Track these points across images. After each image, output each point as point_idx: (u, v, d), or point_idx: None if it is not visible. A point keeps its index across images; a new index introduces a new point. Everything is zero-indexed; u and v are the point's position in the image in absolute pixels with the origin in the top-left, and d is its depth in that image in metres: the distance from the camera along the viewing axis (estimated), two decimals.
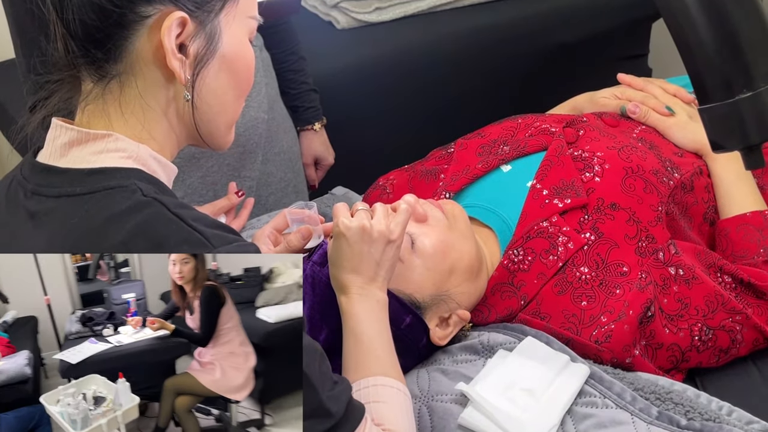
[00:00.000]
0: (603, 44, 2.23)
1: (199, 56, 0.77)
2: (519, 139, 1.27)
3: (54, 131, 0.78)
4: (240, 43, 0.81)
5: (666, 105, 1.31)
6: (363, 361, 0.91)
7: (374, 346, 0.92)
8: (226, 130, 0.85)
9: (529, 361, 0.99)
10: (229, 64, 0.80)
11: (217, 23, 0.78)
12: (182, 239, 0.71)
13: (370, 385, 0.88)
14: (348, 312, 0.93)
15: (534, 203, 1.14)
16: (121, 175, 0.75)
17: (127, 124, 0.78)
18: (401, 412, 0.88)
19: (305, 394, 0.75)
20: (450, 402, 0.97)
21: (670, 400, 0.94)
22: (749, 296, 1.09)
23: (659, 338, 1.04)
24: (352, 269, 0.93)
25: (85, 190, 0.74)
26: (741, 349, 1.08)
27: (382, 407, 0.87)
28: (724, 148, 0.74)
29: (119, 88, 0.77)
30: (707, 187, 1.22)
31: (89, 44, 0.74)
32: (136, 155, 0.77)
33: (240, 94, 0.84)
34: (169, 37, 0.74)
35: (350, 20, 2.08)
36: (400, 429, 0.86)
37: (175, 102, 0.79)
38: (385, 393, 0.88)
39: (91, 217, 0.72)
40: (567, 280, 1.07)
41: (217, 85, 0.80)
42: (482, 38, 2.08)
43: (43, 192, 0.76)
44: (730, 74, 0.70)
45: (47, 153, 0.78)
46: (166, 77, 0.77)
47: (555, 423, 0.92)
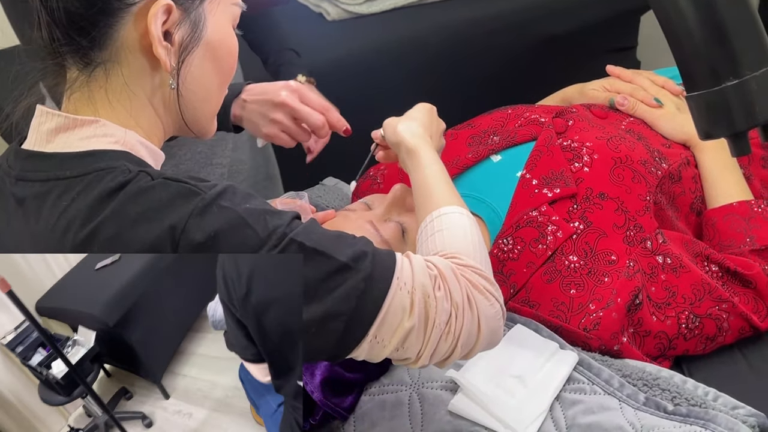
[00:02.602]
0: (592, 36, 2.24)
1: (184, 44, 0.77)
2: (509, 129, 1.27)
3: (39, 118, 0.78)
4: (224, 31, 0.81)
5: (654, 97, 1.32)
6: (428, 201, 0.92)
7: (441, 186, 0.93)
8: (210, 118, 0.86)
9: (519, 349, 1.00)
10: (213, 51, 0.80)
11: (202, 11, 0.77)
12: (173, 194, 0.70)
13: (434, 218, 0.89)
14: (420, 162, 0.97)
15: (523, 193, 1.15)
16: (110, 157, 0.74)
17: (114, 111, 0.77)
18: (460, 233, 0.86)
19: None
20: (440, 389, 0.98)
21: (657, 386, 0.95)
22: (736, 285, 1.10)
23: (647, 326, 1.05)
24: (424, 129, 1.02)
25: (75, 173, 0.73)
26: (727, 337, 1.09)
27: (444, 235, 0.86)
28: (711, 135, 0.74)
29: (105, 75, 0.76)
30: (694, 177, 1.24)
31: (73, 32, 0.74)
32: (124, 140, 0.77)
33: (223, 82, 0.84)
34: (156, 25, 0.73)
35: (341, 12, 2.08)
36: (459, 249, 0.84)
37: (161, 90, 0.79)
38: (445, 221, 0.87)
39: (83, 199, 0.71)
40: (556, 268, 1.08)
41: (201, 73, 0.80)
42: (472, 30, 2.09)
43: (30, 177, 0.75)
44: (717, 62, 0.71)
45: (32, 140, 0.78)
46: (151, 65, 0.77)
47: (544, 409, 0.93)
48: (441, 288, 0.76)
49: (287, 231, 0.71)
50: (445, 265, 0.78)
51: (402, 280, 0.74)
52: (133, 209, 0.70)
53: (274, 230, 0.71)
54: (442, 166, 0.98)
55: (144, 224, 0.69)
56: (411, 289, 0.74)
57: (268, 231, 0.70)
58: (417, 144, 0.99)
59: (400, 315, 0.74)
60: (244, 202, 0.72)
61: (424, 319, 0.75)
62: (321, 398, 0.98)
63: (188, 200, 0.70)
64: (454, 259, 0.81)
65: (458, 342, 0.77)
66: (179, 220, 0.69)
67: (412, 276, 0.75)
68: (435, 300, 0.75)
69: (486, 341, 0.80)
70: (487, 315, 0.79)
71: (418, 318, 0.74)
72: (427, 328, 0.75)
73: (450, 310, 0.76)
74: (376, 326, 0.73)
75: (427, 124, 1.04)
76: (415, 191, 0.97)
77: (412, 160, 0.99)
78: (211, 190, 0.71)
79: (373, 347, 0.74)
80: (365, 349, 0.74)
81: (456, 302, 0.76)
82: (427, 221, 0.89)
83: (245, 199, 0.73)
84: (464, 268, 0.80)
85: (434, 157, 0.98)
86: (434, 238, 0.86)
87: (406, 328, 0.74)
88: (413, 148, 0.99)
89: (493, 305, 0.79)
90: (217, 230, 0.69)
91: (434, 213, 0.89)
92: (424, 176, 0.95)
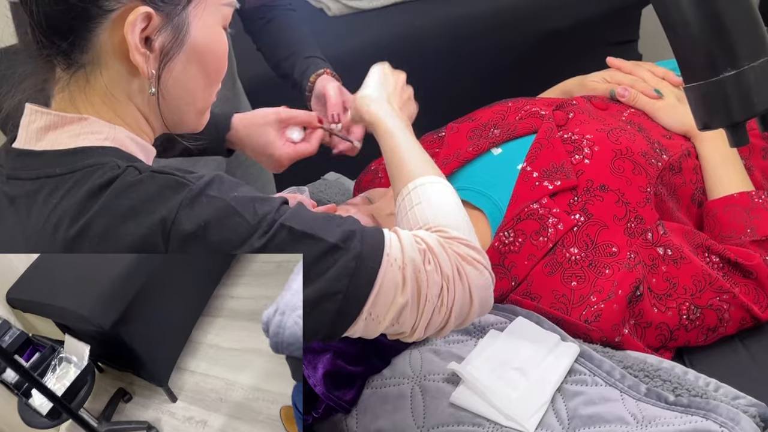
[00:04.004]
0: (593, 30, 2.24)
1: (165, 50, 0.76)
2: (509, 122, 1.27)
3: (28, 116, 0.78)
4: (211, 33, 0.79)
5: (654, 88, 1.32)
6: (401, 172, 0.92)
7: (411, 154, 0.93)
8: (196, 117, 0.85)
9: (520, 341, 1.00)
10: (199, 55, 0.79)
11: (185, 15, 0.76)
12: (161, 186, 0.70)
13: (410, 190, 0.89)
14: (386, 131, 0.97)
15: (524, 185, 1.15)
16: (99, 153, 0.74)
17: (97, 111, 0.77)
18: (440, 204, 0.87)
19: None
20: (442, 381, 0.99)
21: (659, 377, 0.96)
22: (736, 276, 1.10)
23: (648, 317, 1.05)
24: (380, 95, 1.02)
25: (64, 170, 0.73)
26: (728, 328, 1.09)
27: (423, 208, 0.86)
28: (709, 126, 0.75)
29: (85, 78, 0.76)
30: (695, 168, 1.24)
31: (53, 35, 0.73)
32: (113, 137, 0.77)
33: (210, 83, 0.83)
34: (133, 33, 0.73)
35: (342, 7, 2.08)
36: (443, 222, 0.84)
37: (141, 94, 0.78)
38: (422, 193, 0.88)
39: (73, 196, 0.72)
40: (557, 260, 1.08)
41: (185, 77, 0.79)
42: (473, 24, 2.09)
43: (21, 175, 0.75)
44: (715, 53, 0.71)
45: (22, 138, 0.78)
46: (131, 71, 0.76)
47: (545, 401, 0.93)
48: (431, 262, 0.77)
49: (276, 217, 0.72)
50: (432, 239, 0.79)
51: (392, 256, 0.75)
52: (123, 204, 0.70)
53: (263, 217, 0.71)
54: (409, 131, 0.97)
55: (134, 218, 0.69)
56: (402, 265, 0.75)
57: (258, 218, 0.71)
58: (376, 113, 0.99)
59: (393, 291, 0.75)
60: (232, 191, 0.73)
61: (417, 293, 0.76)
62: (323, 391, 0.99)
63: (177, 192, 0.70)
64: (440, 233, 0.82)
65: (451, 313, 0.78)
66: (169, 212, 0.69)
67: (401, 252, 0.76)
68: (426, 274, 0.76)
69: (478, 310, 0.81)
70: (478, 285, 0.80)
71: (411, 293, 0.76)
72: (419, 302, 0.76)
73: (441, 283, 0.77)
74: (369, 304, 0.74)
75: (385, 89, 1.03)
76: (386, 163, 0.96)
77: (376, 131, 0.98)
78: (198, 181, 0.72)
79: (369, 324, 0.75)
80: (360, 326, 0.75)
81: (446, 275, 0.78)
82: (404, 194, 0.89)
83: (233, 188, 0.73)
84: (451, 241, 0.81)
85: (397, 124, 0.97)
86: (414, 212, 0.86)
87: (400, 303, 0.75)
88: (372, 119, 0.98)
89: (482, 273, 0.81)
90: (207, 220, 0.69)
91: (410, 185, 0.89)
92: (391, 146, 0.95)
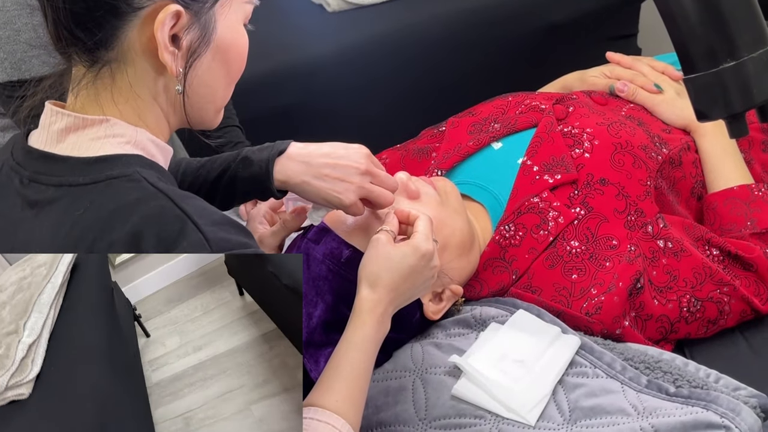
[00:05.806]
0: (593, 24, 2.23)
1: (192, 48, 0.75)
2: (509, 116, 1.28)
3: (48, 117, 0.77)
4: (234, 31, 0.79)
5: (654, 82, 1.33)
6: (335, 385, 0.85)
7: (358, 382, 0.86)
8: (215, 114, 0.85)
9: (521, 334, 1.01)
10: (222, 54, 0.79)
11: (212, 14, 0.76)
12: (183, 236, 0.70)
13: (315, 417, 0.82)
14: (362, 335, 0.88)
15: (525, 179, 1.15)
16: (123, 163, 0.74)
17: (120, 110, 0.77)
18: None
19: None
20: (443, 374, 0.99)
21: (659, 369, 0.96)
22: (737, 268, 1.11)
23: (648, 310, 1.05)
24: (393, 286, 0.89)
25: (87, 180, 0.73)
26: (729, 320, 1.10)
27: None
28: (708, 117, 0.75)
29: (111, 75, 0.76)
30: (695, 162, 1.24)
31: (79, 32, 0.73)
32: (135, 140, 0.77)
33: (231, 81, 0.83)
34: (162, 31, 0.72)
35: (341, 3, 2.08)
36: None
37: (166, 93, 0.78)
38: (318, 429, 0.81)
39: (96, 209, 0.71)
40: (557, 254, 1.08)
41: (209, 75, 0.79)
42: (473, 19, 2.08)
43: (42, 180, 0.75)
44: (714, 44, 0.71)
45: (42, 139, 0.77)
46: (158, 68, 0.76)
47: (547, 393, 0.94)
48: None
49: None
50: None
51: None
52: (147, 239, 0.69)
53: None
54: (366, 350, 0.87)
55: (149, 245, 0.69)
56: None
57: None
58: (361, 309, 0.89)
59: None
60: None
61: None
62: None
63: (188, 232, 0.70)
64: None
65: None
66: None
67: None
68: None
69: None
70: None
71: None
72: None
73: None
74: None
75: (398, 282, 0.89)
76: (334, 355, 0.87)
77: (350, 320, 0.89)
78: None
79: None
80: None
81: None
82: (315, 413, 0.81)
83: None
84: None
85: (366, 335, 0.87)
86: None
87: None
88: (355, 309, 0.89)
89: None
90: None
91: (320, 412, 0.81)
92: (353, 358, 0.86)
